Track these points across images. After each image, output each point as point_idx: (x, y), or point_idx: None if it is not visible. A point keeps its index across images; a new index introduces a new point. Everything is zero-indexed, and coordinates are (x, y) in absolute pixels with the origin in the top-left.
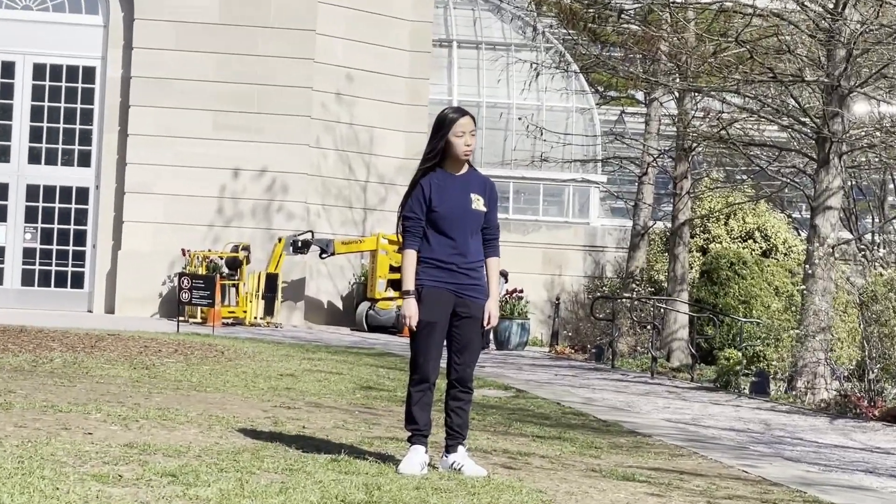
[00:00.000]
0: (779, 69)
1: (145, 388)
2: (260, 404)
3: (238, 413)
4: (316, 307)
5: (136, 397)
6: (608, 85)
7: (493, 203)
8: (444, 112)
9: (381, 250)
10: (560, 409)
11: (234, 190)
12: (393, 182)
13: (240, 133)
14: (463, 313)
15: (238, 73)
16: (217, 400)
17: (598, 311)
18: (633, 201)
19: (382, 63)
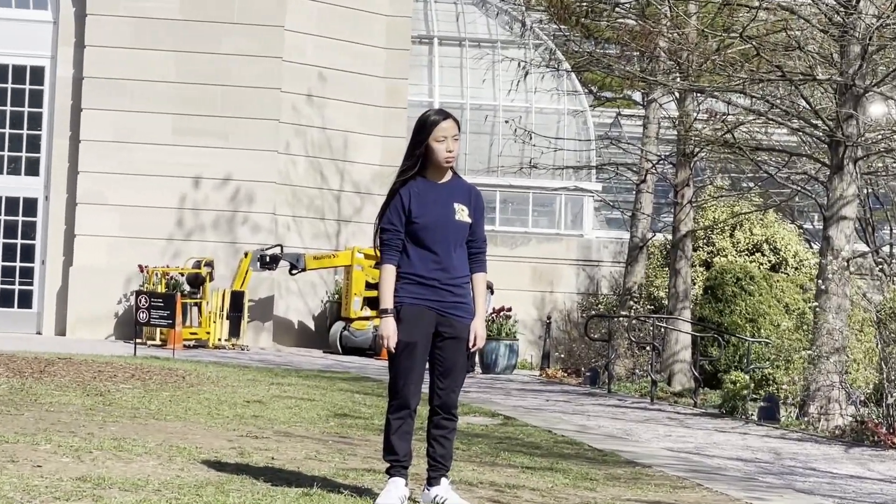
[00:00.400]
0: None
1: (99, 416)
2: (225, 434)
3: (201, 443)
4: (285, 328)
5: (89, 426)
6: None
7: (479, 213)
8: (425, 115)
9: (357, 265)
10: (552, 438)
11: (195, 200)
12: (369, 191)
13: (202, 138)
14: (446, 333)
15: (200, 73)
16: (178, 429)
17: (593, 331)
18: (631, 211)
19: (357, 62)
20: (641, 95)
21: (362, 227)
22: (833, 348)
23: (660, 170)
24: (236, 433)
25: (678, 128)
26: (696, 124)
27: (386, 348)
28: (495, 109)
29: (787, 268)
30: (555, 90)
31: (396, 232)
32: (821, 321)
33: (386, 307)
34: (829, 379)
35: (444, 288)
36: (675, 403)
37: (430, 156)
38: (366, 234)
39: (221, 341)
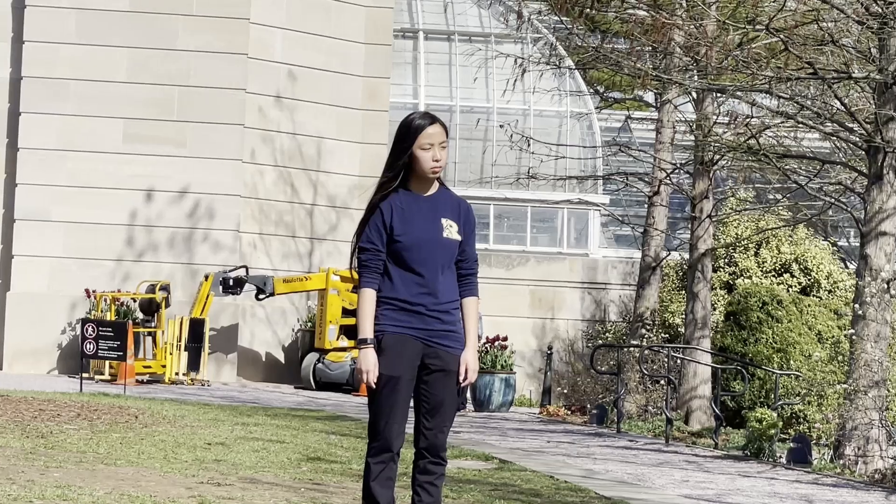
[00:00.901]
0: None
1: (41, 460)
2: (183, 480)
3: (156, 491)
4: (251, 360)
5: (29, 472)
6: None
7: (470, 230)
8: (409, 118)
9: (332, 289)
10: (554, 484)
11: (148, 216)
12: (346, 205)
13: (156, 146)
14: (434, 366)
15: (154, 72)
16: (130, 475)
17: (600, 363)
18: (642, 227)
19: (332, 59)
20: (654, 96)
21: (338, 245)
22: (872, 381)
23: (675, 180)
24: (196, 480)
25: (696, 132)
26: (715, 128)
27: (365, 383)
28: (488, 112)
29: (820, 291)
30: (556, 90)
31: (377, 252)
32: (858, 351)
33: (365, 337)
34: (868, 416)
35: (431, 315)
36: (694, 444)
37: (414, 165)
38: (342, 253)
39: (179, 375)
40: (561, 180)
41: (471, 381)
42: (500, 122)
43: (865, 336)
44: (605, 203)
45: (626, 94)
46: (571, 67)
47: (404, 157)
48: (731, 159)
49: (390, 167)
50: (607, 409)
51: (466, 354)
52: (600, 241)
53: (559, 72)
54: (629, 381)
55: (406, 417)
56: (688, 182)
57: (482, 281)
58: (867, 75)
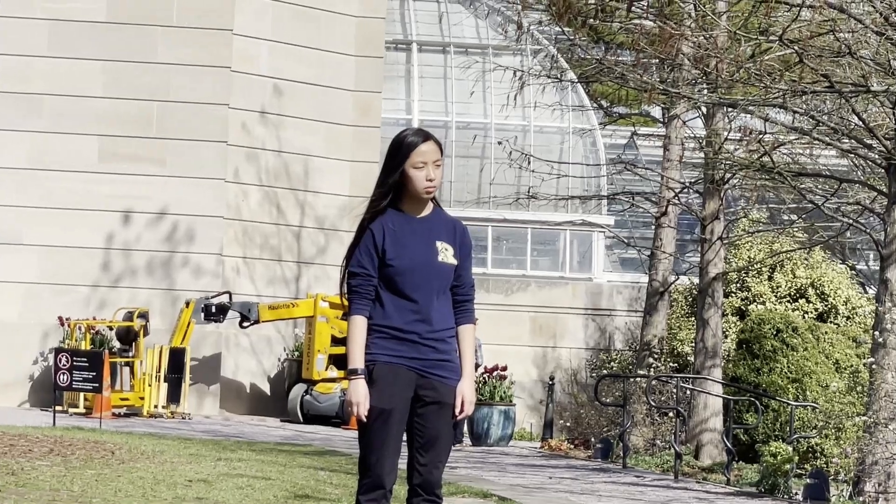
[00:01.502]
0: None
1: (11, 499)
2: None
3: None
4: (235, 392)
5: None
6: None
7: (466, 253)
8: (401, 135)
9: (321, 316)
10: None
11: (126, 239)
12: (335, 227)
13: (134, 164)
14: (428, 398)
15: (132, 86)
16: None
17: (605, 394)
18: (649, 250)
19: (321, 72)
20: (661, 111)
21: (327, 270)
22: (893, 413)
23: (684, 200)
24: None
25: (705, 149)
26: (727, 145)
27: (356, 416)
28: (486, 128)
29: (838, 317)
30: (558, 105)
31: (368, 276)
32: (878, 381)
33: (355, 367)
34: (889, 450)
35: (426, 343)
36: (704, 480)
37: (406, 185)
38: (331, 278)
39: (158, 408)
40: (563, 200)
41: (467, 414)
42: (499, 138)
43: (886, 365)
44: (609, 224)
45: (632, 109)
46: (574, 81)
47: (395, 176)
48: (744, 178)
49: (381, 186)
50: (612, 444)
51: (463, 385)
52: (605, 265)
53: (561, 85)
54: (636, 413)
55: (399, 452)
56: (697, 202)
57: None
58: (886, 89)
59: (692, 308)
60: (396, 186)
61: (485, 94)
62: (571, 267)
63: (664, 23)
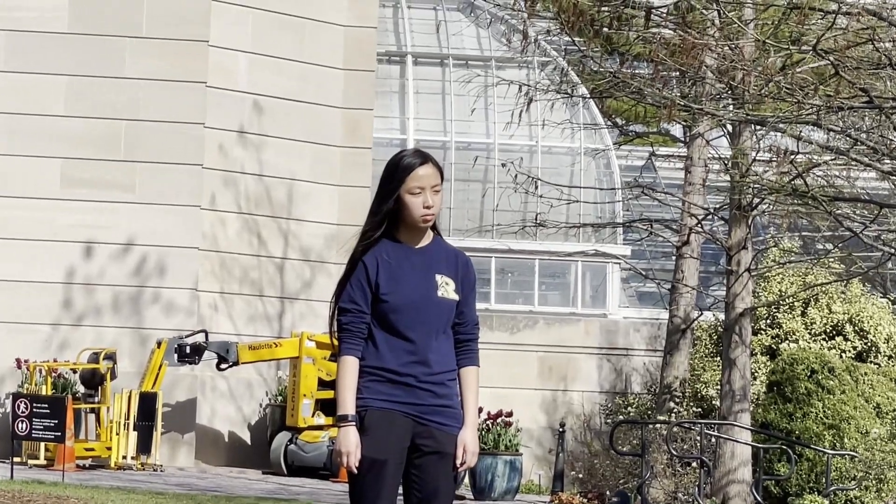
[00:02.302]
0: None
1: None
2: None
3: None
4: (212, 441)
5: None
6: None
7: (469, 288)
8: (397, 157)
9: (307, 357)
10: None
11: (89, 273)
12: (322, 259)
13: (99, 190)
14: (426, 448)
15: (97, 104)
16: None
17: (621, 443)
18: (670, 283)
19: (306, 87)
20: (683, 129)
21: (313, 306)
22: None
23: (708, 228)
24: None
25: (731, 172)
26: (755, 167)
27: (346, 468)
28: (488, 149)
29: (879, 356)
30: (568, 123)
31: (360, 313)
32: None
33: (345, 413)
34: None
35: (423, 387)
36: None
37: (402, 212)
38: (318, 315)
39: (127, 459)
40: (574, 228)
41: (470, 465)
42: (503, 160)
43: None
44: (625, 255)
45: (650, 127)
46: (585, 96)
47: (390, 202)
48: (774, 203)
49: (375, 213)
50: (630, 497)
51: (465, 434)
52: (621, 300)
53: (571, 101)
54: (655, 463)
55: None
56: (723, 230)
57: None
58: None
59: (717, 347)
60: (391, 214)
61: (487, 112)
62: (584, 302)
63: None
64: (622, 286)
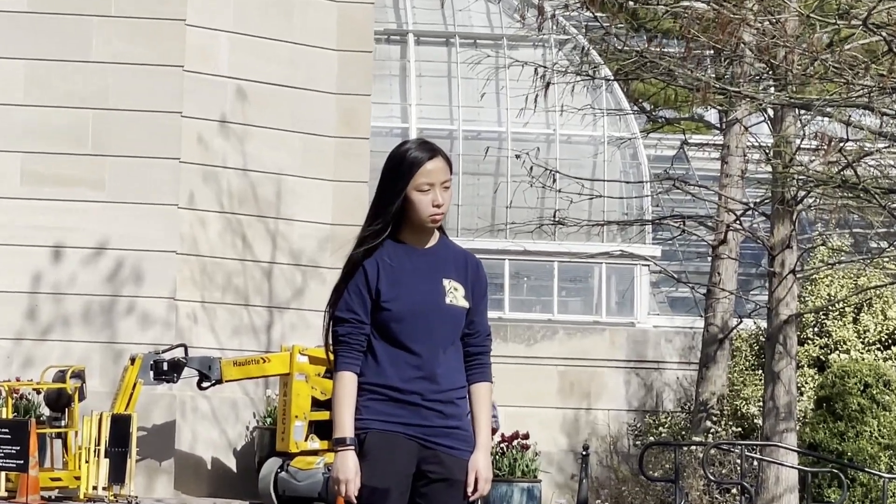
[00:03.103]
0: None
1: None
2: None
3: None
4: (193, 468)
5: None
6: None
7: (481, 294)
8: (401, 150)
9: (299, 374)
10: None
11: (56, 280)
12: (315, 263)
13: (65, 188)
14: (434, 474)
15: (62, 91)
16: None
17: (652, 467)
18: (705, 287)
19: (295, 71)
20: (718, 114)
21: (305, 316)
22: None
23: (747, 225)
24: None
25: (773, 162)
26: (799, 155)
27: (343, 497)
28: (500, 138)
29: None
30: (589, 108)
31: (358, 323)
32: None
33: (343, 436)
34: None
35: (430, 406)
36: None
37: (408, 211)
38: (311, 326)
39: (98, 490)
40: (597, 226)
41: (482, 494)
42: (517, 150)
43: None
44: (655, 256)
45: (682, 113)
46: (609, 78)
47: (397, 202)
48: (821, 196)
49: (376, 215)
50: None
51: (477, 458)
52: (650, 306)
53: (593, 84)
54: (691, 489)
55: None
56: (764, 227)
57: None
58: None
59: (759, 359)
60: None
61: (498, 97)
62: (609, 309)
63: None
64: (652, 291)
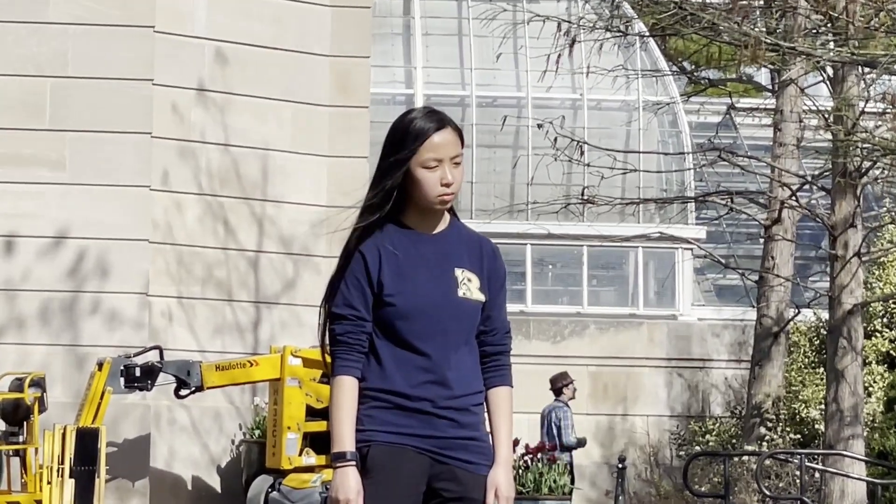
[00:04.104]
0: None
1: None
2: None
3: None
4: (171, 487)
5: None
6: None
7: (499, 285)
8: (406, 119)
9: (291, 379)
10: None
11: (9, 275)
12: (308, 251)
13: (19, 168)
14: (447, 493)
15: (13, 57)
16: None
17: (699, 481)
18: (757, 273)
19: (283, 31)
20: (770, 74)
21: (297, 312)
22: None
23: (804, 201)
24: None
25: (833, 128)
26: (863, 121)
27: None
28: (520, 105)
29: None
30: (621, 69)
31: (358, 321)
32: None
33: (343, 450)
34: None
35: (442, 415)
36: None
37: (412, 191)
38: (304, 324)
39: None
40: (632, 205)
41: None
42: (538, 119)
43: None
44: (699, 238)
45: (727, 73)
46: (644, 34)
47: (396, 177)
48: (889, 167)
49: (376, 193)
50: None
51: (497, 474)
52: (694, 296)
53: (625, 41)
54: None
55: None
56: (824, 203)
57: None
58: None
59: (820, 355)
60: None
61: (517, 58)
62: (647, 300)
63: None
64: (695, 279)
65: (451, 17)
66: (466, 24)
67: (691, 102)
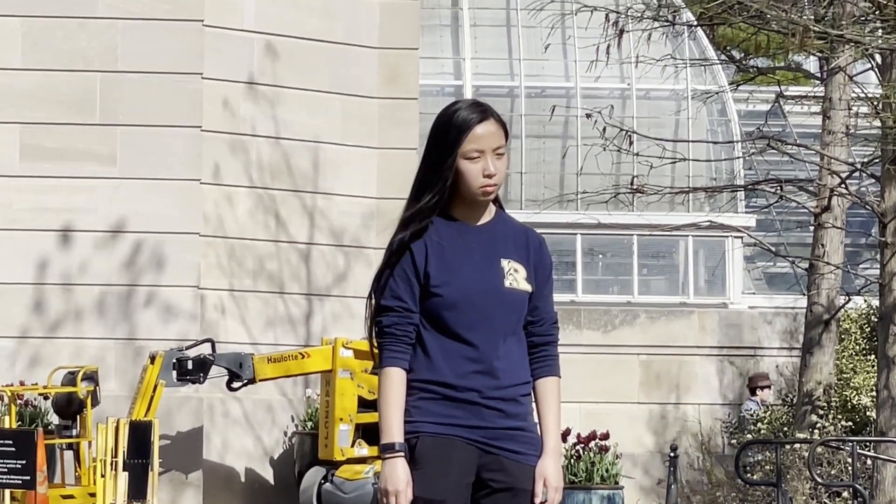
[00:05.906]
0: None
1: None
2: None
3: None
4: (224, 480)
5: None
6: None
7: (546, 276)
8: (450, 111)
9: (343, 371)
10: None
11: (65, 269)
12: (359, 243)
13: (71, 163)
14: (496, 483)
15: (63, 52)
16: None
17: (751, 469)
18: (807, 261)
19: (331, 23)
20: (819, 62)
21: (349, 304)
22: None
23: (854, 188)
24: None
25: (882, 115)
26: None
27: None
28: (568, 95)
29: None
30: (670, 59)
31: (405, 313)
32: None
33: (391, 441)
34: None
35: (490, 405)
36: None
37: (457, 182)
38: (356, 316)
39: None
40: (682, 194)
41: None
42: (587, 109)
43: None
44: (749, 227)
45: (776, 62)
46: (692, 23)
47: (445, 172)
48: None
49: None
50: None
51: (545, 464)
52: (745, 284)
53: (674, 31)
54: (795, 493)
55: None
56: (874, 191)
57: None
58: None
59: (871, 342)
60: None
61: (565, 48)
62: (697, 289)
63: None
64: (746, 267)
65: (500, 7)
66: (515, 15)
67: (740, 91)
